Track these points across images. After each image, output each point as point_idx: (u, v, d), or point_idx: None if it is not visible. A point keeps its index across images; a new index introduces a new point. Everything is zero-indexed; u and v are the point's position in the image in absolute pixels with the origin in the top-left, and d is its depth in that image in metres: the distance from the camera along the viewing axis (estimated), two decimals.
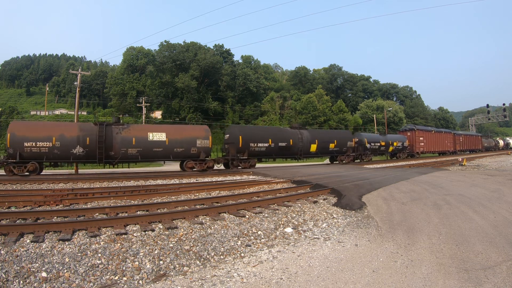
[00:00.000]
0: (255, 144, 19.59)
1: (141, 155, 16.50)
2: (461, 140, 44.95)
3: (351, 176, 13.37)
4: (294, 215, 6.92)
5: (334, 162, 26.03)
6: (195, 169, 17.46)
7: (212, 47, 73.28)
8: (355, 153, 26.88)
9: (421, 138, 35.01)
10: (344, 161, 25.42)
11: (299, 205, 7.83)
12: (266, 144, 20.02)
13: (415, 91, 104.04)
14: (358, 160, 27.21)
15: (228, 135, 20.36)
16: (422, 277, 3.69)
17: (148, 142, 16.54)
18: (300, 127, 23.80)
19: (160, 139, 16.83)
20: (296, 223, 6.46)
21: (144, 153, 16.51)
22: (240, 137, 19.04)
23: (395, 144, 31.50)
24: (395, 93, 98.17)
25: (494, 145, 62.66)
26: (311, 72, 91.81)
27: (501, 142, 68.89)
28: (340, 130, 41.81)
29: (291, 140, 21.44)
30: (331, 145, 24.48)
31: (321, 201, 8.41)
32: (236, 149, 18.99)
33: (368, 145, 28.05)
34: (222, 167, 19.52)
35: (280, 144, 20.75)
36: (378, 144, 29.47)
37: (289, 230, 5.97)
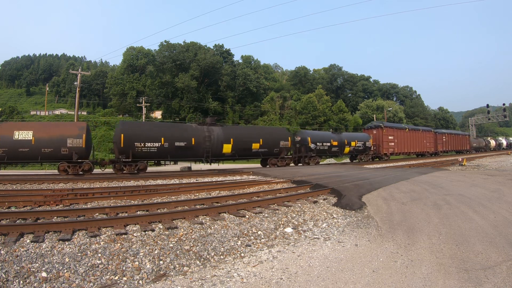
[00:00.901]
0: (142, 144, 16.43)
1: (8, 156, 14.88)
2: (444, 139, 40.27)
3: (351, 176, 13.38)
4: (294, 215, 6.92)
5: (267, 166, 21.07)
6: (69, 173, 15.42)
7: (212, 47, 73.35)
8: (295, 154, 23.07)
9: (390, 137, 30.03)
10: (277, 165, 20.64)
11: (299, 205, 7.83)
12: (157, 144, 16.73)
13: (415, 91, 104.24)
14: (301, 164, 23.40)
15: (114, 133, 17.67)
16: (422, 277, 3.69)
17: (13, 142, 14.81)
18: (211, 123, 19.63)
19: (26, 138, 14.95)
20: (296, 223, 6.46)
21: (10, 154, 14.86)
22: (122, 135, 16.06)
23: (353, 144, 26.72)
24: (395, 93, 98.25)
25: (484, 145, 57.47)
26: (311, 72, 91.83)
27: (493, 142, 62.96)
28: (271, 127, 35.57)
29: (193, 139, 17.78)
30: (255, 145, 19.91)
31: (321, 201, 8.41)
32: (118, 150, 16.18)
33: (312, 145, 23.41)
34: (111, 170, 17.00)
35: (177, 143, 17.33)
36: (328, 144, 24.94)
37: (289, 230, 5.97)
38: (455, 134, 45.56)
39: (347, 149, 26.61)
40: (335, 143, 25.54)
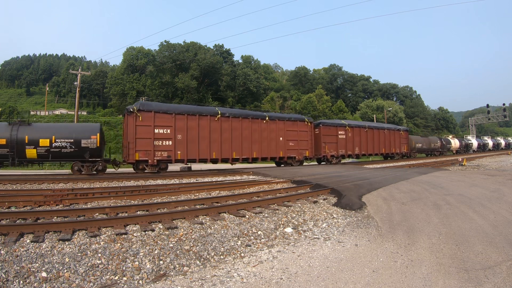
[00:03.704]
0: None
1: None
2: (343, 135, 25.00)
3: (351, 176, 13.37)
4: (294, 215, 6.92)
5: None
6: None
7: (212, 47, 73.30)
8: None
9: (163, 131, 16.82)
10: None
11: (299, 205, 7.83)
12: None
13: (415, 91, 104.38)
14: None
15: None
16: (422, 277, 3.69)
17: None
18: None
19: None
20: (296, 223, 6.46)
21: None
22: None
23: (43, 143, 15.07)
24: (395, 93, 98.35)
25: (439, 147, 39.08)
26: (311, 72, 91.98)
27: (455, 143, 44.60)
28: None
29: None
30: None
31: (321, 201, 8.41)
32: None
33: None
34: None
35: None
36: None
37: (289, 230, 5.97)
38: (377, 128, 28.62)
39: (30, 152, 15.11)
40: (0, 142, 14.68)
